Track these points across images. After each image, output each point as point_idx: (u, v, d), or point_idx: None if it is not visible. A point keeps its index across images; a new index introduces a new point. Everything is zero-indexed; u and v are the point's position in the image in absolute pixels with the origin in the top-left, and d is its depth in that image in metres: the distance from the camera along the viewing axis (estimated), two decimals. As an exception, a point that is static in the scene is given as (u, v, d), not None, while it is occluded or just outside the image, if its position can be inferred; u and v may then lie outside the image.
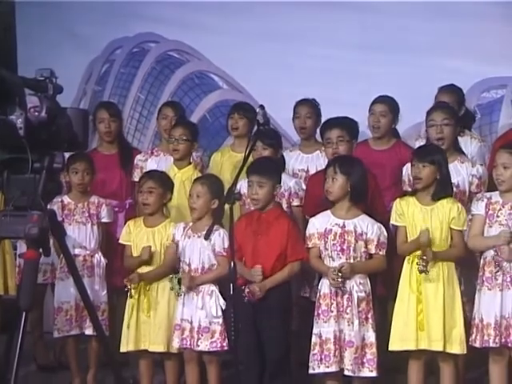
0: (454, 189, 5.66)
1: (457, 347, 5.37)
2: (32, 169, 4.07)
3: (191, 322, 5.68)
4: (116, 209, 6.52)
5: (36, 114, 4.12)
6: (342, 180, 5.45)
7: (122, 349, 5.89)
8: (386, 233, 5.49)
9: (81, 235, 6.28)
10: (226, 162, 6.56)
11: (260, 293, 5.49)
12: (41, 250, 4.06)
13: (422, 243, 5.35)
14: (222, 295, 5.69)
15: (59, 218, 6.04)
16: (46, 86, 4.22)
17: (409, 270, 5.44)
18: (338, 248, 5.45)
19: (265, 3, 7.45)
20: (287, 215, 5.85)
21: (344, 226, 5.45)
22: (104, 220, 6.33)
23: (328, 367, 5.39)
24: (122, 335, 5.94)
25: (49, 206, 4.32)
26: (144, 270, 5.90)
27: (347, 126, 6.00)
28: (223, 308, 5.65)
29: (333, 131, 5.93)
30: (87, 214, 6.31)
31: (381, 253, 5.48)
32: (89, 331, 6.02)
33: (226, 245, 5.59)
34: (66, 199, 6.31)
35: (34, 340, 6.84)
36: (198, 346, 5.67)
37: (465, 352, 5.40)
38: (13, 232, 4.12)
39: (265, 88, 7.32)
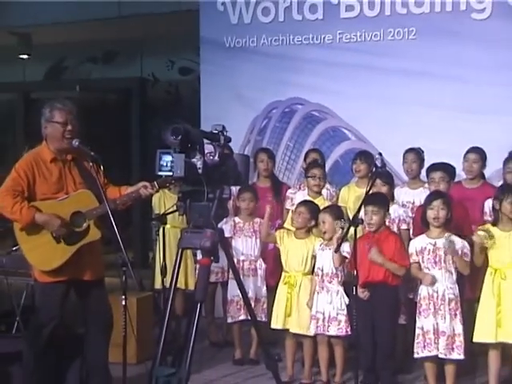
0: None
1: None
2: (207, 198, 4.19)
3: (323, 313, 5.70)
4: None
5: (211, 158, 4.24)
6: (446, 210, 5.43)
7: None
8: (468, 246, 5.42)
9: (247, 246, 6.35)
10: (352, 195, 6.55)
11: (367, 293, 5.55)
12: (212, 258, 4.20)
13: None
14: (347, 295, 5.69)
15: (231, 233, 6.31)
16: (219, 137, 4.34)
17: (491, 279, 5.34)
18: (432, 261, 5.44)
19: (384, 74, 7.43)
20: (395, 233, 5.83)
21: (435, 244, 5.42)
22: None
23: (430, 352, 5.37)
24: (272, 316, 5.98)
25: (220, 226, 4.44)
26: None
27: (447, 169, 6.00)
28: (347, 303, 5.66)
29: (437, 173, 5.95)
30: (252, 230, 6.38)
31: (465, 259, 5.41)
32: None
33: (349, 249, 5.60)
34: (237, 219, 6.43)
35: (207, 323, 6.96)
36: (328, 331, 5.69)
37: None
38: (192, 244, 4.25)
39: (383, 139, 7.26)
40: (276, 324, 5.95)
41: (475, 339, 5.37)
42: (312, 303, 5.77)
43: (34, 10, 9.63)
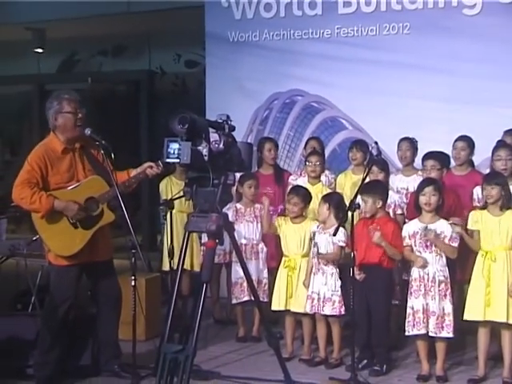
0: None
1: None
2: (212, 184, 4.17)
3: (318, 293, 5.68)
4: (272, 212, 6.46)
5: (216, 146, 4.22)
6: (437, 196, 5.39)
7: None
8: None
9: (249, 230, 6.32)
10: (348, 181, 6.52)
11: (362, 275, 5.47)
12: (217, 241, 4.17)
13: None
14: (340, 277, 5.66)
15: (233, 219, 6.22)
16: (224, 126, 4.31)
17: (481, 262, 5.30)
18: (423, 245, 5.39)
19: (379, 67, 7.41)
20: (394, 220, 5.78)
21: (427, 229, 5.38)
22: None
23: (419, 330, 5.34)
24: (273, 298, 5.94)
25: (224, 210, 4.41)
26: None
27: (439, 157, 5.92)
28: (340, 285, 5.63)
29: (428, 161, 5.89)
30: (253, 216, 6.35)
31: (453, 244, 5.37)
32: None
33: (344, 238, 5.59)
34: (238, 205, 6.37)
35: (212, 302, 6.95)
36: (323, 310, 5.67)
37: None
38: (198, 228, 4.23)
39: (379, 129, 7.24)
40: (278, 306, 5.91)
41: (465, 317, 5.33)
42: (309, 282, 5.74)
43: (47, 7, 9.61)
